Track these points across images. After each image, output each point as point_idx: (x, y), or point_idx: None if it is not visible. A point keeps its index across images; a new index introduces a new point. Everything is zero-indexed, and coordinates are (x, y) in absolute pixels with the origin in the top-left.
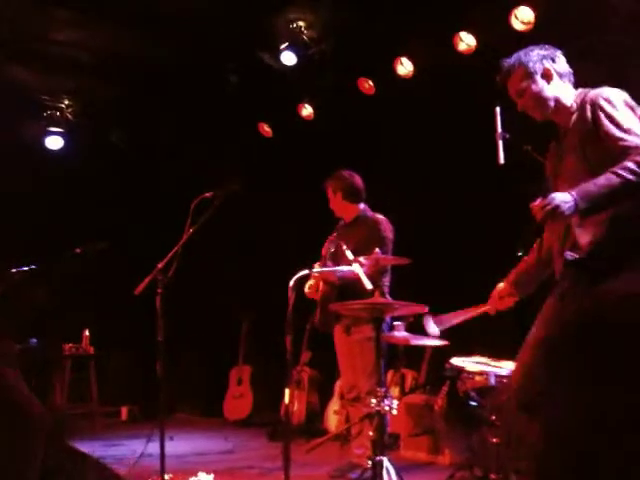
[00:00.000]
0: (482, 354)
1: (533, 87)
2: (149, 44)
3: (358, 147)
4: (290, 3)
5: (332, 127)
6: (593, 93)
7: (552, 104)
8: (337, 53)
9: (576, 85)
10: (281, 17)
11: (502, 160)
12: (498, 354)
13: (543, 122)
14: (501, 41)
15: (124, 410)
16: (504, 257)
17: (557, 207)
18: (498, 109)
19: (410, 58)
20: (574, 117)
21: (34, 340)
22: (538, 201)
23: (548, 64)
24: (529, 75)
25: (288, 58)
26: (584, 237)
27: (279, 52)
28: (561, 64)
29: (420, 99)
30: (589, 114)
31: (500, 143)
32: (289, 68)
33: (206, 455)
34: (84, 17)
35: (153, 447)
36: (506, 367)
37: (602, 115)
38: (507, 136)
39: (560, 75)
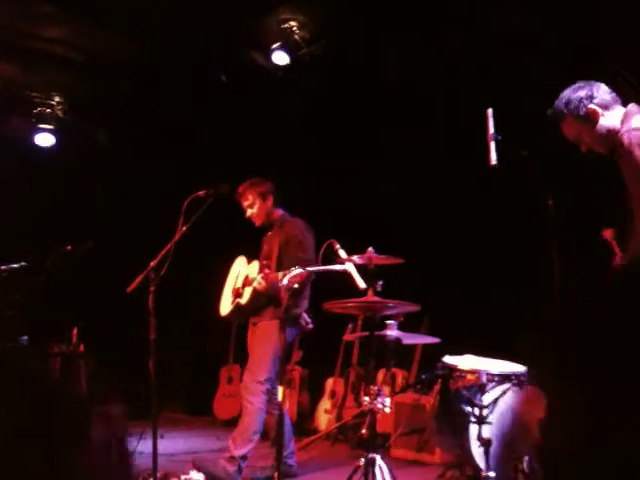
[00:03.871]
0: (473, 353)
1: (586, 131)
2: (140, 44)
3: (350, 147)
4: (282, 3)
5: (321, 127)
6: None
7: (609, 137)
8: (328, 54)
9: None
10: (273, 17)
11: (494, 161)
12: (489, 353)
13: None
14: (489, 42)
15: None
16: (494, 258)
17: None
18: (490, 111)
19: (399, 59)
20: None
21: (25, 338)
22: None
23: (590, 104)
24: (577, 122)
25: (280, 58)
26: None
27: (270, 52)
28: (601, 95)
29: (410, 100)
30: None
31: (492, 145)
32: (280, 68)
33: (196, 454)
34: (71, 14)
35: (143, 445)
36: (498, 366)
37: None
38: (499, 138)
39: (605, 107)
